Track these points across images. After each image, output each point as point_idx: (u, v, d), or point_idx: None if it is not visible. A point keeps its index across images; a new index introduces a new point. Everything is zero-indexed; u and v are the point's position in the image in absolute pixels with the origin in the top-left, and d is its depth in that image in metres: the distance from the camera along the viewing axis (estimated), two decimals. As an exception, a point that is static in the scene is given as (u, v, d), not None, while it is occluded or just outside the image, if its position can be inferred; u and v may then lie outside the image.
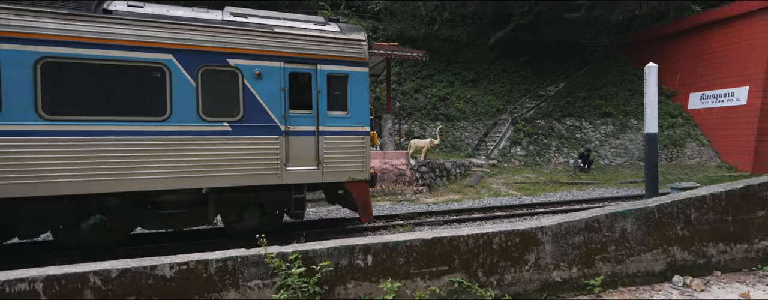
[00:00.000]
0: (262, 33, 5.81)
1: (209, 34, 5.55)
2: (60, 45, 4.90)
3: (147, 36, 5.26)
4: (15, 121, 4.74)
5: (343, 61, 6.30)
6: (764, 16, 15.26)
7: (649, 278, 3.81)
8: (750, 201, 4.06)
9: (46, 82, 4.85)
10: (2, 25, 4.65)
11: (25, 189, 4.81)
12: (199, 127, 5.53)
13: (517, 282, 3.54)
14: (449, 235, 3.46)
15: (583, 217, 3.73)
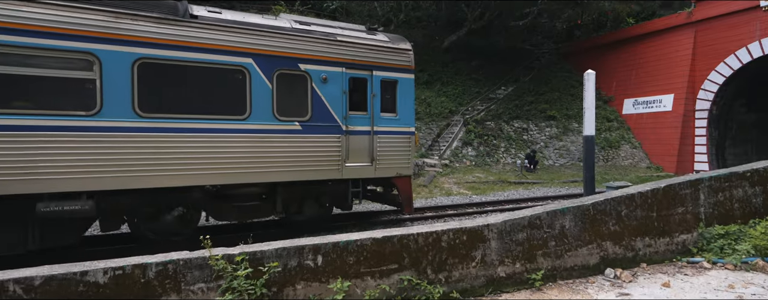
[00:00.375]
0: (328, 41, 6.38)
1: (284, 40, 6.02)
2: (155, 47, 5.21)
3: (231, 41, 5.66)
4: (115, 118, 5.04)
5: (393, 68, 7.00)
6: (686, 31, 16.80)
7: (584, 271, 4.07)
8: (671, 198, 4.45)
9: (142, 82, 5.17)
10: (105, 27, 4.93)
11: (123, 182, 5.10)
12: (274, 126, 6.00)
13: (465, 278, 3.65)
14: (399, 233, 3.50)
15: (526, 215, 3.92)
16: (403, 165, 7.11)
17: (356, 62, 6.60)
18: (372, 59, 6.75)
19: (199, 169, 5.52)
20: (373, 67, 6.77)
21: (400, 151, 7.11)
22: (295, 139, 6.13)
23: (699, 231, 4.51)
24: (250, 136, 5.83)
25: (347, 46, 6.53)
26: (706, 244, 4.43)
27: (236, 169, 5.76)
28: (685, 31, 16.84)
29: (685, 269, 4.16)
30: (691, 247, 4.47)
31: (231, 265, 2.96)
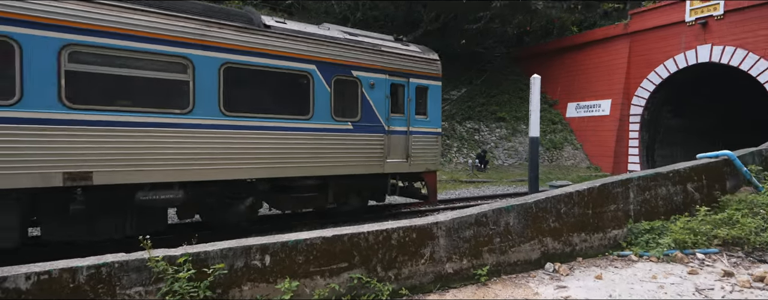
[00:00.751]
0: (375, 51, 7.24)
1: (340, 49, 6.78)
2: (237, 53, 5.83)
3: (298, 49, 6.34)
4: (204, 117, 5.66)
5: (425, 76, 7.97)
6: (622, 41, 18.09)
7: (526, 266, 4.28)
8: (605, 197, 4.78)
9: (226, 84, 5.77)
10: (198, 34, 5.52)
11: (208, 174, 5.68)
12: (332, 126, 6.73)
13: (414, 275, 3.73)
14: (350, 232, 3.51)
15: (473, 213, 4.06)
16: (431, 161, 8.13)
17: (396, 70, 7.52)
18: (409, 68, 7.71)
19: (269, 164, 6.19)
20: (410, 74, 7.73)
21: (430, 149, 8.12)
22: (347, 137, 6.93)
23: (628, 226, 4.88)
24: (311, 134, 6.55)
25: (390, 55, 7.45)
26: (634, 239, 4.80)
27: (299, 164, 6.46)
28: (622, 41, 18.11)
29: (615, 262, 4.49)
30: (621, 242, 4.83)
31: (172, 266, 2.83)
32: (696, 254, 4.47)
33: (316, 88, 6.55)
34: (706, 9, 15.18)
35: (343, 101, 6.87)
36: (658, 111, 18.12)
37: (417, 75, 7.84)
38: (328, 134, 6.69)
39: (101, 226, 5.38)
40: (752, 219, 4.68)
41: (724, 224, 4.71)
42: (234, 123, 5.87)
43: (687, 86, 17.54)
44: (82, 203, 5.02)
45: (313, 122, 6.54)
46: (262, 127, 6.09)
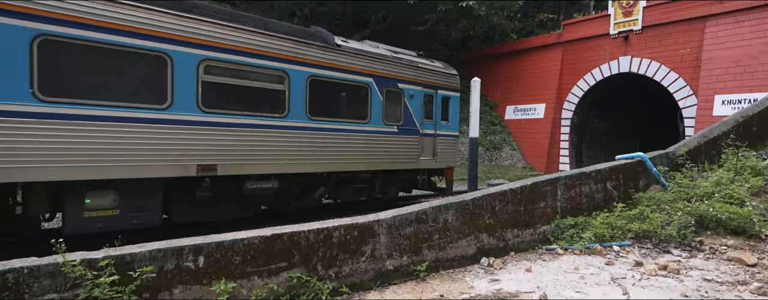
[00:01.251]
0: (413, 66, 8.82)
1: (389, 65, 8.23)
2: (319, 68, 7.11)
3: (361, 65, 7.71)
4: (296, 120, 6.84)
5: (448, 89, 9.79)
6: (556, 49, 19.37)
7: (463, 261, 4.46)
8: (536, 194, 5.11)
9: (311, 94, 7.00)
10: (293, 52, 6.77)
11: (296, 167, 6.91)
12: (383, 129, 8.20)
13: (355, 273, 3.75)
14: (290, 230, 3.45)
15: (414, 210, 4.16)
16: (451, 159, 9.88)
17: (428, 83, 9.19)
18: (436, 81, 9.43)
19: (338, 160, 7.49)
20: (437, 87, 9.47)
21: (451, 148, 9.88)
22: (393, 138, 8.41)
23: (556, 222, 5.25)
24: (368, 135, 7.97)
25: (424, 71, 9.10)
26: (560, 234, 5.18)
27: (358, 160, 7.83)
28: (555, 49, 19.38)
29: (544, 256, 4.80)
30: (549, 237, 5.18)
31: (92, 271, 2.63)
32: (613, 247, 4.90)
33: (373, 98, 8.04)
34: (628, 24, 16.66)
35: (390, 108, 8.35)
36: (586, 115, 19.60)
37: (442, 87, 9.65)
38: (379, 136, 8.19)
39: (219, 210, 6.54)
40: (659, 214, 5.22)
41: (637, 219, 5.22)
42: (316, 125, 7.15)
43: (612, 93, 19.14)
44: (207, 190, 6.17)
45: (369, 126, 8.02)
46: (335, 129, 7.44)
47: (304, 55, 6.91)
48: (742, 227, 4.96)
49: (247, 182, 6.50)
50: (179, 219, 6.26)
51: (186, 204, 6.20)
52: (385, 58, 8.24)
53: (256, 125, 6.43)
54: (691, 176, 6.34)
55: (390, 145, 8.31)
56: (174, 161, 5.68)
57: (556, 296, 3.61)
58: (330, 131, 7.33)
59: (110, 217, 5.47)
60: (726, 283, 3.82)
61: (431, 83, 9.27)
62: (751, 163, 6.47)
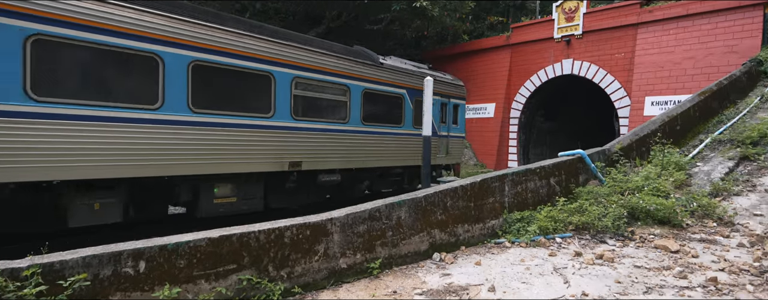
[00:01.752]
0: (437, 81, 10.22)
1: (416, 79, 10.00)
2: (370, 83, 8.86)
3: (398, 79, 9.52)
4: (353, 125, 8.56)
5: (457, 97, 11.80)
6: (505, 51, 20.16)
7: (416, 257, 4.54)
8: (485, 190, 5.30)
9: (364, 103, 8.73)
10: (351, 69, 8.43)
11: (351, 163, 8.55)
12: (412, 132, 9.99)
13: (307, 272, 3.70)
14: (240, 231, 3.35)
15: (367, 208, 4.17)
16: (459, 156, 12.08)
17: (443, 93, 11.06)
18: (449, 91, 11.40)
19: (382, 158, 9.30)
20: (449, 96, 11.44)
21: (459, 147, 11.99)
22: (419, 140, 9.86)
23: (504, 217, 5.47)
24: (402, 137, 9.82)
25: (440, 83, 10.80)
26: (508, 227, 5.40)
27: (395, 158, 9.67)
28: (504, 51, 20.16)
29: (493, 249, 4.99)
30: (498, 231, 5.39)
31: (14, 282, 2.41)
32: (555, 239, 5.19)
33: (405, 106, 9.87)
34: (570, 29, 17.66)
35: (418, 115, 9.98)
36: (532, 115, 20.55)
37: (453, 96, 11.61)
38: (410, 137, 10.07)
39: (299, 197, 7.95)
40: (596, 207, 5.59)
41: (577, 212, 5.55)
42: (367, 129, 8.88)
43: (557, 94, 20.21)
44: (293, 182, 7.62)
45: (403, 129, 9.88)
46: (380, 132, 9.20)
47: (359, 72, 8.58)
48: (667, 217, 5.42)
49: (320, 175, 8.06)
50: (274, 205, 7.52)
51: (279, 193, 7.57)
52: (413, 73, 10.12)
53: (327, 129, 8.01)
54: (625, 171, 6.85)
55: (417, 145, 10.02)
56: (274, 159, 7.14)
57: (503, 288, 3.77)
58: (377, 134, 9.17)
59: (229, 204, 6.76)
60: (653, 269, 4.17)
61: (445, 93, 11.20)
62: (675, 159, 7.09)
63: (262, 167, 6.92)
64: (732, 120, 9.24)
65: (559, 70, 18.10)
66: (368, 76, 8.74)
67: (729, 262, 4.25)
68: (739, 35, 13.36)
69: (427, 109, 7.37)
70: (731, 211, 5.60)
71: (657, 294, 3.58)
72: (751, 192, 6.31)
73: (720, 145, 8.19)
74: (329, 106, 8.08)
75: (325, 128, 7.91)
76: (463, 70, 22.13)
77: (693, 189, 6.51)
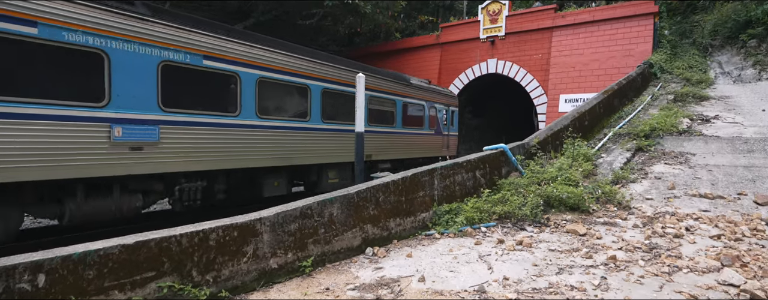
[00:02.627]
0: (440, 93, 14.94)
1: (431, 94, 14.12)
2: (405, 97, 12.49)
3: (421, 95, 13.46)
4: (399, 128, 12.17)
5: (453, 105, 15.96)
6: (435, 49, 20.86)
7: (349, 253, 4.57)
8: (416, 185, 5.47)
9: (403, 112, 12.35)
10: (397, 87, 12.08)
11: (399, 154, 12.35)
12: (429, 132, 13.94)
13: (235, 275, 3.57)
14: (158, 236, 3.14)
15: (298, 206, 4.12)
16: (455, 149, 16.07)
17: (445, 103, 15.14)
18: (448, 101, 15.56)
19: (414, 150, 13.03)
20: (449, 105, 15.49)
21: (455, 143, 16.11)
22: (433, 137, 14.21)
23: (434, 209, 5.69)
24: (425, 136, 13.69)
25: (443, 95, 15.18)
26: (437, 219, 5.63)
27: (421, 150, 13.50)
28: (435, 49, 20.85)
29: (423, 241, 5.18)
30: (428, 223, 5.59)
31: None
32: (481, 228, 5.51)
33: (426, 113, 13.77)
34: (494, 30, 18.71)
35: (432, 120, 14.18)
36: (461, 111, 21.49)
37: (451, 105, 15.84)
38: (429, 136, 14.01)
39: None
40: (517, 197, 6.02)
41: (500, 202, 5.94)
42: (405, 131, 12.49)
43: (485, 91, 21.31)
44: (367, 169, 9.86)
45: (425, 130, 13.77)
46: (412, 133, 12.86)
47: (401, 91, 12.33)
48: (577, 204, 5.99)
49: (380, 164, 11.42)
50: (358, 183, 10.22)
51: None
52: (431, 89, 14.41)
53: (385, 132, 11.60)
54: (541, 163, 7.44)
55: (432, 141, 14.21)
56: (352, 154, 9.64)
57: (432, 277, 3.93)
58: (411, 134, 12.84)
59: (333, 184, 9.69)
60: (564, 251, 4.59)
61: (446, 102, 15.37)
62: (584, 151, 7.84)
63: (352, 158, 9.59)
64: (629, 116, 10.42)
65: (485, 69, 19.10)
66: (404, 93, 12.54)
67: (626, 241, 4.80)
68: (634, 40, 15.03)
69: (359, 104, 7.38)
70: (628, 197, 6.33)
71: (567, 274, 3.95)
72: (644, 179, 7.17)
73: (620, 138, 9.21)
74: (386, 115, 11.73)
75: (384, 131, 11.60)
76: (395, 68, 22.51)
77: (598, 178, 7.25)
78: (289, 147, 8.55)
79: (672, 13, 18.25)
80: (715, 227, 5.07)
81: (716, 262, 4.03)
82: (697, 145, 8.31)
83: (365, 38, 25.04)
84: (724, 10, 15.97)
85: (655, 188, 6.72)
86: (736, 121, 9.51)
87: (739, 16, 15.22)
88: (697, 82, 13.07)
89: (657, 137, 8.87)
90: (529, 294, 3.50)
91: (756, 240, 4.65)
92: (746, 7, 15.23)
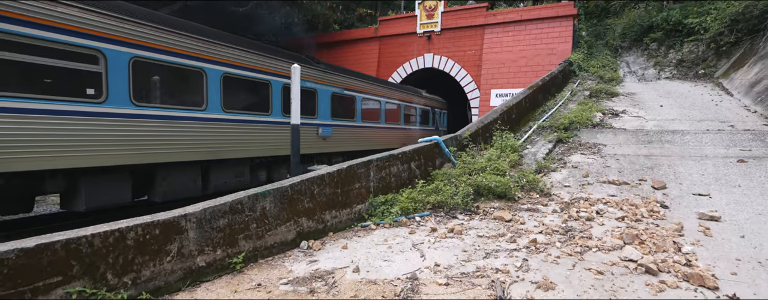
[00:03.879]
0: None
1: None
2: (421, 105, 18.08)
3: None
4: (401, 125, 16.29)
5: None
6: (374, 42, 20.93)
7: (283, 247, 4.49)
8: (351, 177, 5.48)
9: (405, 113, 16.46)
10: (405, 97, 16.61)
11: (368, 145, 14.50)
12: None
13: (158, 276, 3.36)
14: (65, 238, 2.86)
15: (227, 201, 3.95)
16: None
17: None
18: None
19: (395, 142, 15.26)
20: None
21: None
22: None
23: (370, 201, 5.75)
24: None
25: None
26: (373, 211, 5.70)
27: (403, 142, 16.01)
28: (373, 42, 20.92)
29: (359, 232, 5.22)
30: (364, 214, 5.64)
31: None
32: (415, 218, 5.66)
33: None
34: (430, 25, 19.16)
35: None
36: (400, 105, 21.84)
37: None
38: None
39: None
40: (449, 187, 6.26)
41: (433, 192, 6.14)
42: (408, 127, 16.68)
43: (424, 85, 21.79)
44: None
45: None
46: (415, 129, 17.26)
47: (408, 97, 16.51)
48: (504, 192, 6.36)
49: None
50: None
51: None
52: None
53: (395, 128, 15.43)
54: (473, 154, 7.79)
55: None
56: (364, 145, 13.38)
57: (367, 267, 3.98)
58: (412, 130, 16.87)
59: None
60: (492, 237, 4.87)
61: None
62: (511, 142, 8.33)
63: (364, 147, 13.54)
64: (551, 110, 11.24)
65: (423, 63, 19.54)
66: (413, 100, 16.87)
67: (546, 225, 5.20)
68: (557, 40, 16.17)
69: (294, 96, 7.22)
70: (549, 185, 6.84)
71: (493, 258, 4.20)
72: (563, 168, 7.79)
73: (543, 131, 9.90)
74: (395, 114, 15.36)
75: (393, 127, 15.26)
76: (334, 59, 22.27)
77: (524, 167, 7.75)
78: None
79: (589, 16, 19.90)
80: (620, 210, 5.66)
81: (620, 241, 4.50)
82: (608, 137, 9.18)
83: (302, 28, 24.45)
84: (631, 15, 17.72)
85: (572, 176, 7.33)
86: (639, 116, 10.64)
87: (643, 22, 16.97)
88: (609, 79, 14.40)
89: (575, 130, 9.67)
90: (458, 278, 3.68)
91: (652, 220, 5.26)
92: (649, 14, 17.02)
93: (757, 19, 13.02)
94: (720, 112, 10.18)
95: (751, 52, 12.57)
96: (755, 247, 4.32)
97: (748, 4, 13.22)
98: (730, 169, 6.77)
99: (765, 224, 4.90)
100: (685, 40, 15.53)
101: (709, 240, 4.56)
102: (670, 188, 6.40)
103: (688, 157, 7.57)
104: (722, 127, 8.93)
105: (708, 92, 12.35)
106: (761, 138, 7.86)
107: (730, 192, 6.00)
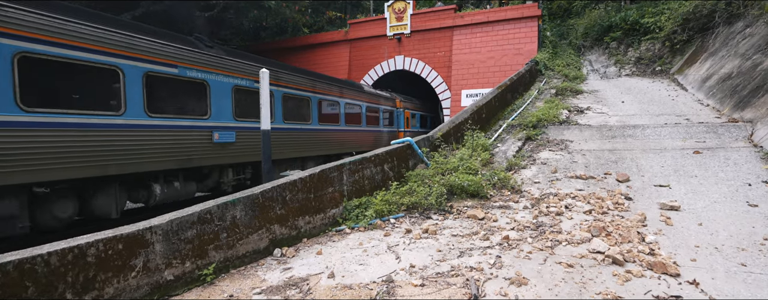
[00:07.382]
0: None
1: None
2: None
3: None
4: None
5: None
6: (344, 45, 20.89)
7: (256, 256, 4.39)
8: (324, 181, 5.43)
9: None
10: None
11: None
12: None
13: (123, 292, 3.22)
14: (18, 258, 2.70)
15: (196, 211, 3.83)
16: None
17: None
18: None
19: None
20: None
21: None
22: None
23: (343, 204, 5.71)
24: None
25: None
26: (347, 214, 5.66)
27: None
28: (344, 45, 20.86)
29: (334, 237, 5.17)
30: (338, 219, 5.60)
31: None
32: (390, 220, 5.66)
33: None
34: (400, 27, 19.29)
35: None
36: (372, 107, 21.85)
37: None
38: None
39: None
40: (423, 188, 6.30)
41: (407, 194, 6.16)
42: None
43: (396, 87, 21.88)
44: None
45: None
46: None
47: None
48: (477, 191, 6.46)
49: None
50: None
51: None
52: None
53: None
54: (445, 154, 7.87)
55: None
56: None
57: (342, 272, 3.95)
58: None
59: None
60: (465, 236, 4.92)
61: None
62: (482, 141, 8.47)
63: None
64: (520, 108, 11.50)
65: (394, 66, 19.63)
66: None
67: (517, 222, 5.31)
68: (523, 41, 16.59)
69: (264, 100, 7.09)
70: (520, 181, 7.00)
71: (467, 256, 4.24)
72: (532, 165, 7.99)
73: (513, 129, 10.12)
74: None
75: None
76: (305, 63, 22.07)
77: (495, 165, 7.90)
78: None
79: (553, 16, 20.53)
80: (588, 203, 5.84)
81: (588, 233, 4.64)
82: (574, 133, 9.47)
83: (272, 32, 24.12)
84: (592, 15, 18.40)
85: (542, 173, 7.52)
86: (603, 112, 11.04)
87: (603, 22, 17.64)
88: (573, 78, 14.88)
89: (543, 127, 9.93)
90: (433, 279, 3.69)
91: (618, 212, 5.45)
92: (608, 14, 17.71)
93: (707, 17, 13.77)
94: (676, 106, 10.69)
95: (702, 49, 13.28)
96: (712, 233, 4.55)
97: (698, 3, 13.97)
98: (687, 160, 7.11)
99: (720, 212, 5.16)
100: (642, 39, 16.25)
101: (670, 229, 4.76)
102: (633, 181, 6.65)
103: (649, 150, 7.90)
104: (679, 120, 9.37)
105: (665, 88, 12.95)
106: (714, 130, 8.30)
107: (688, 182, 6.30)
